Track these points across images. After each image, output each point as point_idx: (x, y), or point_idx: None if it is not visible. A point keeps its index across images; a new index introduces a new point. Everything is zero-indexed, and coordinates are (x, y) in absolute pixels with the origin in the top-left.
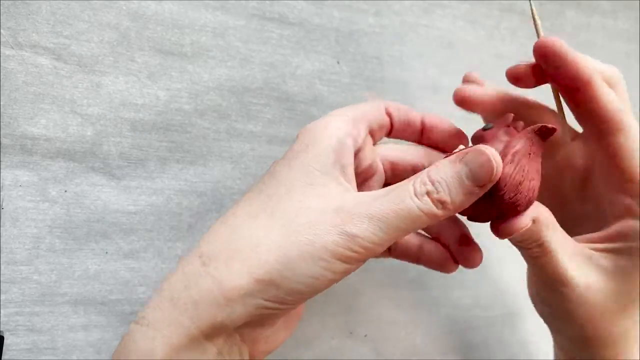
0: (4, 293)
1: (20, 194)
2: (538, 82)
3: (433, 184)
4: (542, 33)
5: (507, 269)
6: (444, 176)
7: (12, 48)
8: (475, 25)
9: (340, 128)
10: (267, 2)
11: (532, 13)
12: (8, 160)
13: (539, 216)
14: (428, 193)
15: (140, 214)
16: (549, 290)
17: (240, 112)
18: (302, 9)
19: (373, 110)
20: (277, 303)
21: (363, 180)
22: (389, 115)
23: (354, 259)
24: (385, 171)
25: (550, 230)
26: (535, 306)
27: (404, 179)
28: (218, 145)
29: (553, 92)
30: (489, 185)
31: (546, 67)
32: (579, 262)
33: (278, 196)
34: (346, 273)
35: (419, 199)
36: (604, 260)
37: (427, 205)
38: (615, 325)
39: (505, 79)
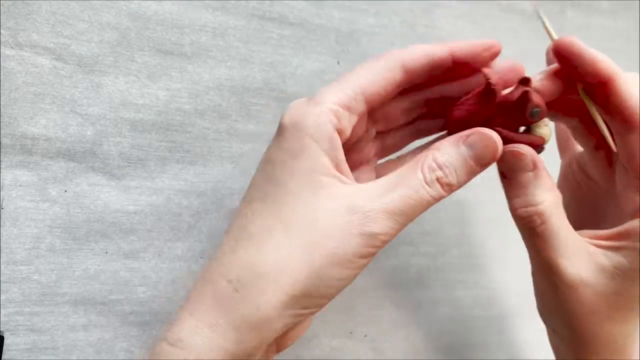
0: (4, 293)
1: (20, 194)
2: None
3: (441, 168)
4: (554, 36)
5: (507, 269)
6: (449, 159)
7: (12, 48)
8: (475, 25)
9: (328, 123)
10: (267, 2)
11: (541, 19)
12: (8, 160)
13: (539, 164)
14: (438, 179)
15: (140, 214)
16: (542, 277)
17: (240, 112)
18: (302, 9)
19: (374, 76)
20: (311, 308)
21: (359, 164)
22: (407, 69)
23: (374, 253)
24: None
25: (555, 214)
26: (536, 302)
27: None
28: (218, 145)
29: (583, 97)
30: (491, 164)
31: (566, 68)
32: (577, 254)
33: (285, 204)
34: (366, 265)
35: (430, 186)
36: (604, 258)
37: (437, 190)
38: (603, 329)
39: None
